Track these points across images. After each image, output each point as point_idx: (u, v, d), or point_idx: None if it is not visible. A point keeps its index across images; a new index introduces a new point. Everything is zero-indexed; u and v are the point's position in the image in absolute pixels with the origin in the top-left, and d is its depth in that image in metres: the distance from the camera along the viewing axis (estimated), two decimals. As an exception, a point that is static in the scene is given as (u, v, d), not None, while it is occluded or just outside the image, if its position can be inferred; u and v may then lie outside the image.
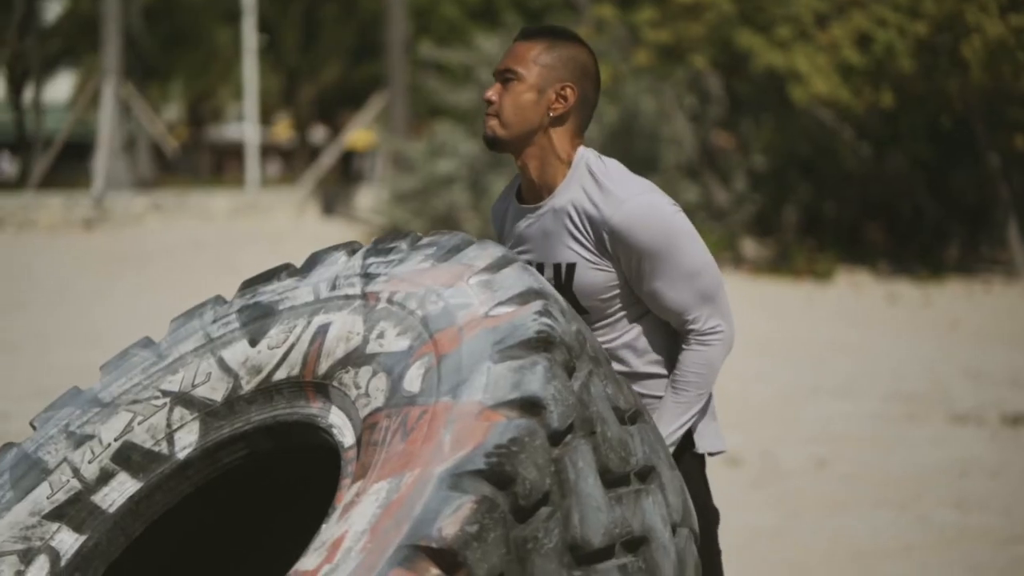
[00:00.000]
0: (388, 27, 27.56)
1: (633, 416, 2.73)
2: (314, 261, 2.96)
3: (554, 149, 3.08)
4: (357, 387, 2.63)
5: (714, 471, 7.71)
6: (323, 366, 2.72)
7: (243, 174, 34.53)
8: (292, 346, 2.80)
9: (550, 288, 2.66)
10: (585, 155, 3.10)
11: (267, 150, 46.22)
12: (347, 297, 2.79)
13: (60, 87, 44.61)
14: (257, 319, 2.90)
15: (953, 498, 7.17)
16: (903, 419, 9.17)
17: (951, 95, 17.11)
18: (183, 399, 2.90)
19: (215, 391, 2.88)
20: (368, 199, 26.74)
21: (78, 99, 35.68)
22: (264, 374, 2.82)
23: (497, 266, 2.68)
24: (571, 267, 3.07)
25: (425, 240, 2.84)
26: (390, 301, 2.71)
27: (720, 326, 3.11)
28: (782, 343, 12.56)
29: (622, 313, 3.10)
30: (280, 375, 2.80)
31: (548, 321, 2.52)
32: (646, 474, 2.67)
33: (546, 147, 3.08)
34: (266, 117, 41.02)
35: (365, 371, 2.63)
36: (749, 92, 20.37)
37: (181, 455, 2.88)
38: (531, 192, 3.13)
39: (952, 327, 13.50)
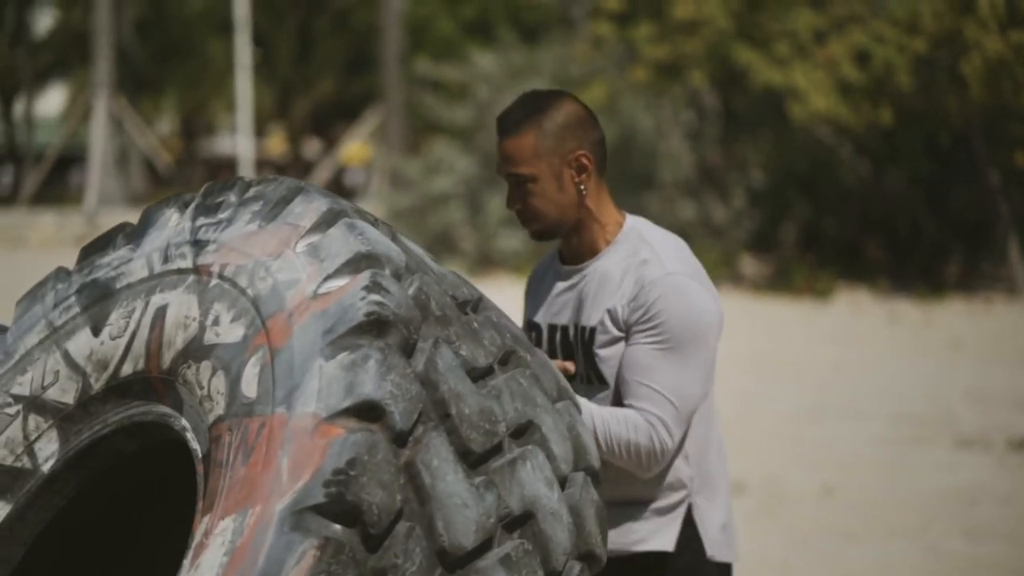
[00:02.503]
0: (383, 42, 27.49)
1: (504, 358, 2.50)
2: (146, 222, 2.72)
3: (593, 215, 2.94)
4: (200, 387, 2.44)
5: (719, 498, 7.61)
6: (166, 359, 2.52)
7: (236, 189, 34.35)
8: (134, 334, 2.58)
9: (381, 244, 2.42)
10: (636, 225, 2.96)
11: (261, 164, 46.14)
12: (180, 271, 2.57)
13: (51, 101, 44.49)
14: (96, 301, 2.68)
15: (963, 526, 7.06)
16: (909, 443, 9.06)
17: (950, 112, 17.04)
18: (36, 404, 2.69)
19: (66, 392, 2.67)
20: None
21: (69, 113, 35.57)
22: (111, 369, 2.61)
23: (324, 224, 2.44)
24: (594, 330, 2.92)
25: (252, 192, 2.60)
26: (222, 276, 2.49)
27: (667, 444, 2.83)
28: (783, 363, 12.46)
29: None
30: (127, 370, 2.59)
31: (378, 297, 2.30)
32: (522, 432, 2.45)
33: (586, 216, 2.94)
34: (259, 130, 40.94)
35: (205, 367, 2.43)
36: (747, 109, 20.30)
37: (45, 468, 2.67)
38: (573, 255, 3.00)
39: (954, 347, 13.39)
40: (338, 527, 2.15)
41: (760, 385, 11.31)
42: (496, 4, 27.09)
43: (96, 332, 2.66)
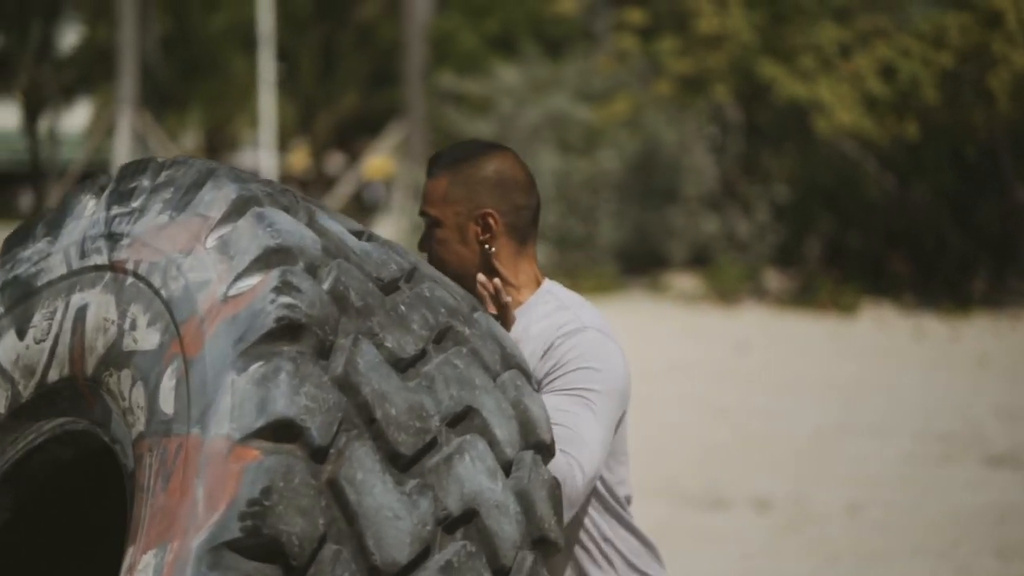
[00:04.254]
0: (406, 57, 27.50)
1: (439, 336, 2.35)
2: (64, 210, 2.58)
3: (504, 278, 2.80)
4: (122, 397, 2.31)
5: (743, 517, 7.52)
6: (89, 365, 2.39)
7: (260, 204, 34.38)
8: (57, 338, 2.46)
9: (293, 235, 2.27)
10: (552, 287, 2.85)
11: (284, 179, 46.22)
12: (97, 268, 2.44)
13: (76, 117, 44.67)
14: (19, 301, 2.55)
15: (993, 545, 6.95)
16: (936, 460, 8.95)
17: (976, 125, 16.93)
18: None
19: None
20: (387, 229, 26.63)
21: (93, 129, 35.70)
22: (38, 375, 2.49)
23: (234, 214, 2.30)
24: None
25: (163, 176, 2.45)
26: (136, 275, 2.36)
27: (579, 486, 2.62)
28: (808, 380, 12.35)
29: None
30: (53, 375, 2.47)
31: (288, 299, 2.17)
32: (459, 419, 2.30)
33: (498, 278, 2.79)
34: (283, 145, 41.04)
35: (126, 376, 2.31)
36: (771, 123, 20.22)
37: None
38: None
39: (981, 363, 13.27)
40: (257, 563, 2.05)
41: (784, 401, 11.21)
42: (519, 18, 27.06)
43: (21, 335, 2.54)
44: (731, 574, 6.60)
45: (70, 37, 41.32)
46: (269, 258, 2.23)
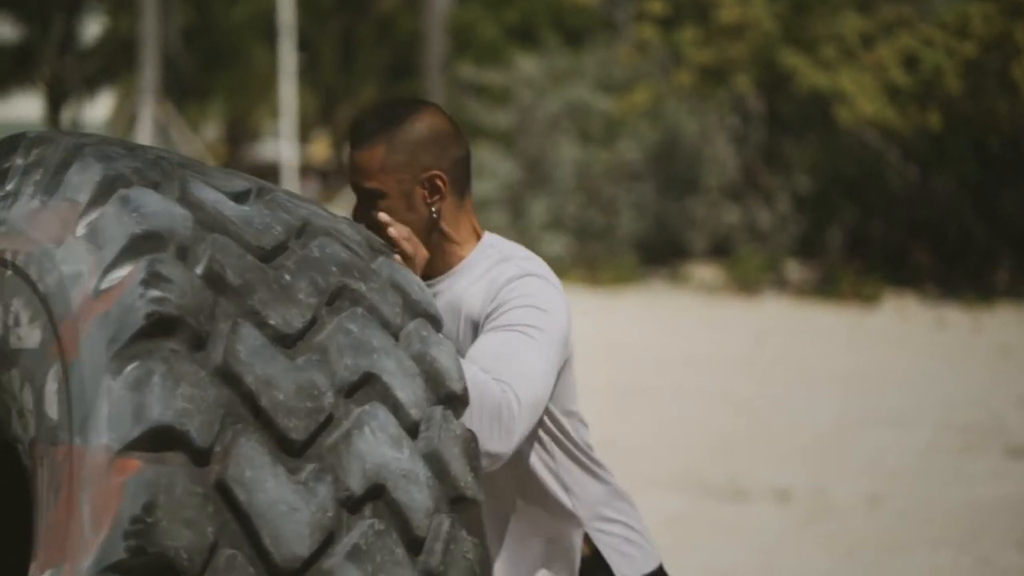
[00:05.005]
0: (426, 48, 27.48)
1: (332, 298, 2.20)
2: None
3: (447, 236, 2.75)
4: (15, 398, 2.18)
5: (762, 509, 7.48)
6: None
7: (281, 194, 34.42)
8: None
9: (161, 216, 2.11)
10: (494, 241, 2.80)
11: (305, 170, 46.26)
12: None
13: (99, 108, 44.82)
14: None
15: (1015, 537, 6.91)
16: (958, 452, 8.90)
17: (999, 116, 16.86)
18: None
19: None
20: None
21: (116, 120, 35.79)
22: None
23: (101, 197, 2.14)
24: None
25: (33, 155, 2.28)
26: (15, 266, 2.20)
27: (515, 409, 2.53)
28: (829, 371, 12.30)
29: None
30: None
31: (157, 293, 2.03)
32: (356, 389, 2.17)
33: (439, 238, 2.74)
34: (303, 136, 41.09)
35: (16, 376, 2.18)
36: (792, 113, 20.15)
37: None
38: (423, 274, 2.74)
39: (1004, 354, 13.20)
40: None
41: (804, 392, 11.17)
42: (539, 8, 27.01)
43: None
44: (750, 565, 6.57)
45: (92, 28, 41.44)
46: (137, 246, 2.09)
